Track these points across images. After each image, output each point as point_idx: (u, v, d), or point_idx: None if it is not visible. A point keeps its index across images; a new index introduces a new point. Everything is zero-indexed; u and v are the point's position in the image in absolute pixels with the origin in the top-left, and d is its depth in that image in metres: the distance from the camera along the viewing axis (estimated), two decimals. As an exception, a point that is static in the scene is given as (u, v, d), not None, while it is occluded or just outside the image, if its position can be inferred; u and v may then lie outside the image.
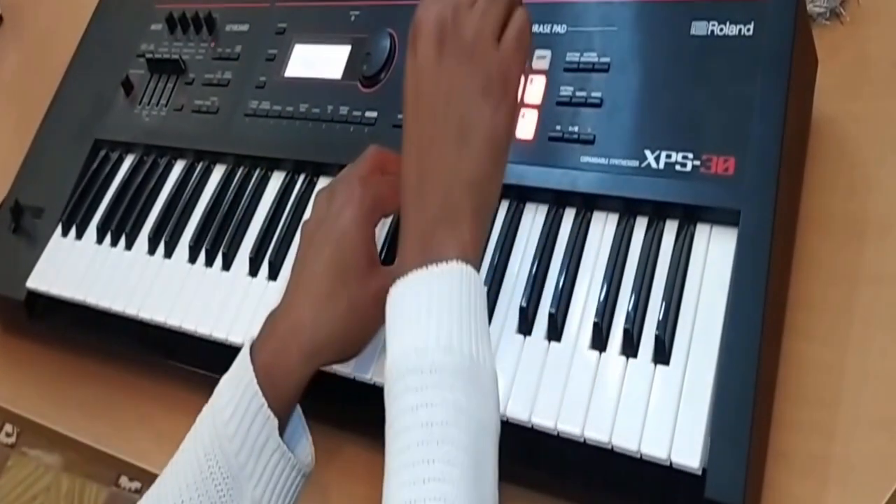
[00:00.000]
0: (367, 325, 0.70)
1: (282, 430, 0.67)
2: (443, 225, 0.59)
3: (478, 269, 0.58)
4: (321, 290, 0.68)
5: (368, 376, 0.73)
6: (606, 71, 0.76)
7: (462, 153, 0.59)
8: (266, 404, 0.65)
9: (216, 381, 0.69)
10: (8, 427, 2.30)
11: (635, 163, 0.71)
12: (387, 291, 0.65)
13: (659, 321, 0.65)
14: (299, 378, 0.68)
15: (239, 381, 0.66)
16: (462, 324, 0.56)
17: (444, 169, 0.59)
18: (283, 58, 0.93)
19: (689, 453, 0.60)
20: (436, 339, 0.55)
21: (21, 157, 1.06)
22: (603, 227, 0.72)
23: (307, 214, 0.76)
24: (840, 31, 0.81)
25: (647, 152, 0.71)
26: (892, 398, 0.65)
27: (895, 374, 0.66)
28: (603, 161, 0.72)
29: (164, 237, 0.89)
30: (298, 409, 0.70)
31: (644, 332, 0.66)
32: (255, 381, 0.65)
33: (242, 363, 0.67)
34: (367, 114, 0.85)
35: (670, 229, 0.69)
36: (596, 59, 0.76)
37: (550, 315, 0.68)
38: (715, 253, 0.67)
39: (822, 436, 0.65)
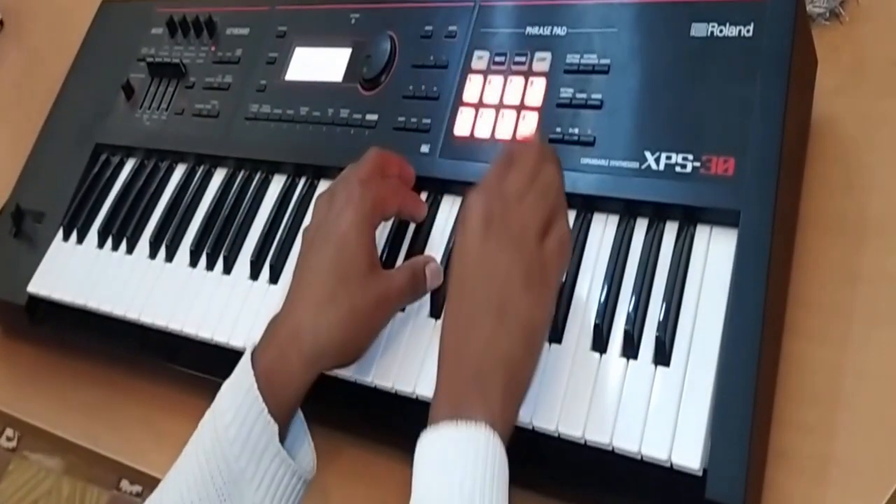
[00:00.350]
0: (368, 329, 0.71)
1: (283, 435, 0.68)
2: (475, 390, 0.60)
3: (505, 443, 0.59)
4: (322, 294, 0.69)
5: (370, 379, 0.73)
6: (606, 73, 0.76)
7: (499, 332, 0.61)
8: (266, 410, 0.65)
9: (217, 385, 0.70)
10: (9, 431, 2.30)
11: (635, 164, 0.72)
12: (387, 295, 0.66)
13: (659, 322, 0.65)
14: (300, 383, 0.68)
15: (240, 387, 0.67)
16: (484, 491, 0.57)
17: (481, 342, 0.61)
18: (284, 61, 0.94)
19: (689, 454, 0.61)
20: (459, 496, 0.57)
21: (22, 162, 1.06)
22: (603, 229, 0.72)
23: (308, 219, 0.78)
24: (839, 31, 0.82)
25: (648, 154, 0.71)
26: (891, 397, 0.66)
27: (892, 373, 0.66)
28: (603, 163, 0.73)
29: (166, 241, 0.90)
30: (300, 414, 0.71)
31: (644, 334, 0.66)
32: (255, 386, 0.66)
33: (244, 368, 0.68)
34: (368, 116, 0.86)
35: (670, 230, 0.70)
36: (596, 61, 0.77)
37: (551, 317, 0.69)
38: (715, 254, 0.67)
39: (822, 436, 0.66)
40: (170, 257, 0.90)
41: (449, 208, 0.79)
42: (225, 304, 0.83)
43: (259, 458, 0.65)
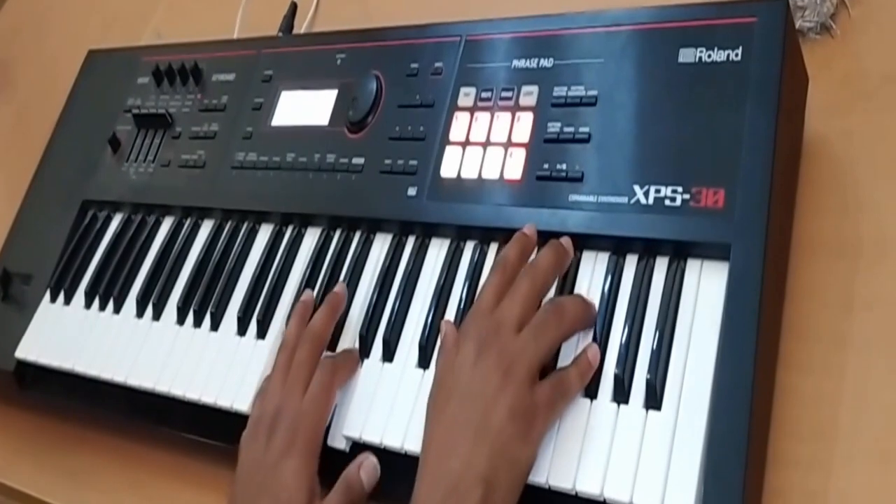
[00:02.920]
0: None
1: None
2: None
3: None
4: None
5: (357, 434, 0.75)
6: (594, 104, 0.78)
7: (478, 451, 0.64)
8: None
9: (206, 446, 0.72)
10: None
11: (624, 199, 0.73)
12: None
13: (650, 364, 0.66)
14: None
15: None
16: None
17: (459, 460, 0.64)
18: (270, 106, 0.97)
19: (681, 502, 0.61)
20: None
21: (10, 222, 1.10)
22: (593, 268, 0.74)
23: (293, 275, 0.84)
24: (831, 45, 0.83)
25: (637, 187, 0.73)
26: (889, 429, 0.66)
27: (892, 404, 0.67)
28: (591, 199, 0.74)
29: (153, 299, 0.93)
30: None
31: (636, 376, 0.67)
32: None
33: None
34: (355, 160, 0.88)
35: (661, 266, 0.71)
36: (583, 93, 0.79)
37: (540, 363, 0.70)
38: (706, 289, 0.69)
39: (819, 471, 0.67)
40: (157, 316, 0.92)
41: (436, 253, 0.81)
42: (212, 363, 0.86)
43: None
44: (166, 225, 0.99)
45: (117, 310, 0.96)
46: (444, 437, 0.66)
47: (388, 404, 0.76)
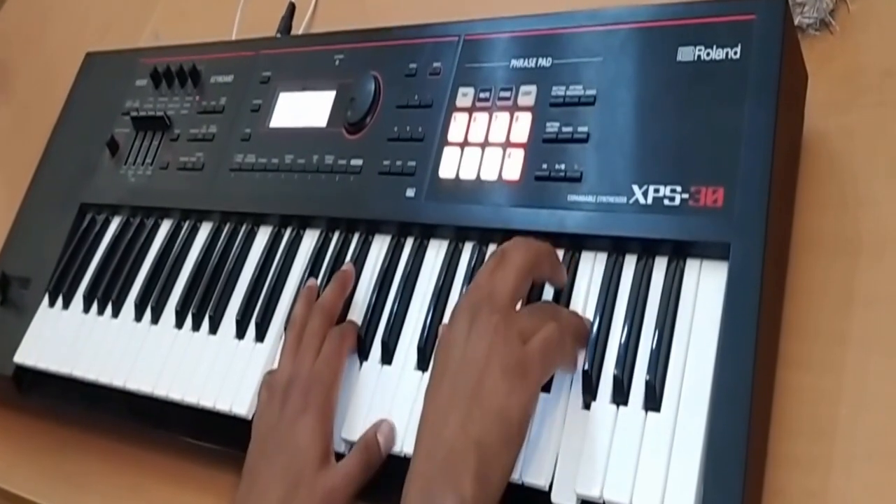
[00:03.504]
0: None
1: None
2: (446, 476, 0.63)
3: None
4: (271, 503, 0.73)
5: (356, 438, 0.76)
6: (592, 104, 0.78)
7: (472, 414, 0.64)
8: None
9: (205, 449, 0.72)
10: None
11: (623, 199, 0.73)
12: (334, 489, 0.72)
13: (649, 365, 0.67)
14: None
15: None
16: None
17: (454, 424, 0.64)
18: (268, 107, 0.98)
19: (681, 504, 0.62)
20: None
21: (9, 225, 1.11)
22: (592, 268, 0.74)
23: (292, 277, 0.85)
24: (830, 41, 0.83)
25: (635, 187, 0.73)
26: (889, 428, 0.67)
27: (893, 402, 0.67)
28: (590, 199, 0.75)
29: (151, 303, 0.93)
30: None
31: (635, 377, 0.68)
32: None
33: None
34: (353, 162, 0.88)
35: (660, 266, 0.72)
36: (582, 92, 0.79)
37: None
38: (705, 289, 0.69)
39: (819, 470, 0.67)
40: (155, 319, 0.93)
41: (435, 254, 0.82)
42: (211, 367, 0.86)
43: None
44: (165, 228, 1.00)
45: (116, 313, 0.96)
46: (438, 411, 0.66)
47: (386, 407, 0.76)
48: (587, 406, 0.69)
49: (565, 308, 0.72)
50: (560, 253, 0.76)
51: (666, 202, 0.72)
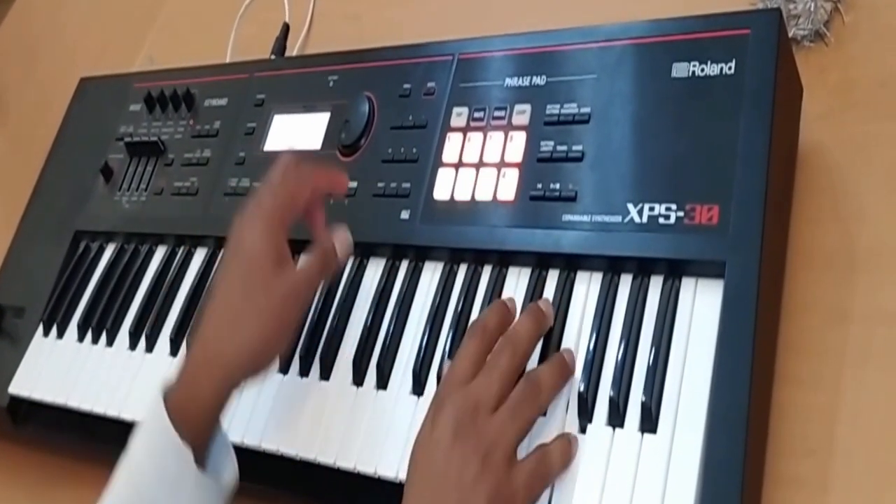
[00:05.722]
0: (278, 331, 0.77)
1: (205, 455, 0.76)
2: None
3: None
4: (228, 311, 0.77)
5: (352, 465, 0.77)
6: (587, 122, 0.80)
7: None
8: (178, 437, 0.73)
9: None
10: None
11: (618, 218, 0.75)
12: (294, 288, 0.76)
13: (645, 385, 0.68)
14: (214, 404, 0.76)
15: (151, 421, 0.74)
16: None
17: None
18: (263, 130, 1.00)
19: (676, 527, 0.63)
20: None
21: (3, 254, 1.13)
22: (587, 288, 0.76)
23: None
24: (825, 52, 0.84)
25: (630, 206, 0.74)
26: (885, 444, 0.68)
27: (891, 418, 0.68)
28: (585, 219, 0.76)
29: (145, 331, 0.95)
30: (221, 429, 0.78)
31: (631, 398, 0.69)
32: (165, 417, 0.73)
33: (154, 402, 0.75)
34: (347, 184, 0.90)
35: (655, 285, 0.73)
36: (576, 111, 0.81)
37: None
38: (701, 308, 0.70)
39: (815, 488, 0.68)
40: (150, 348, 0.95)
41: (430, 276, 0.83)
42: (206, 394, 0.87)
43: (174, 486, 0.73)
44: (159, 254, 1.02)
45: (110, 342, 0.98)
46: None
47: (382, 432, 0.77)
48: (583, 430, 0.70)
49: (545, 375, 0.71)
50: (555, 274, 0.77)
51: (661, 220, 0.73)
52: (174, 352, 0.93)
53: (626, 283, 0.74)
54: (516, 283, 0.79)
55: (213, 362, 0.75)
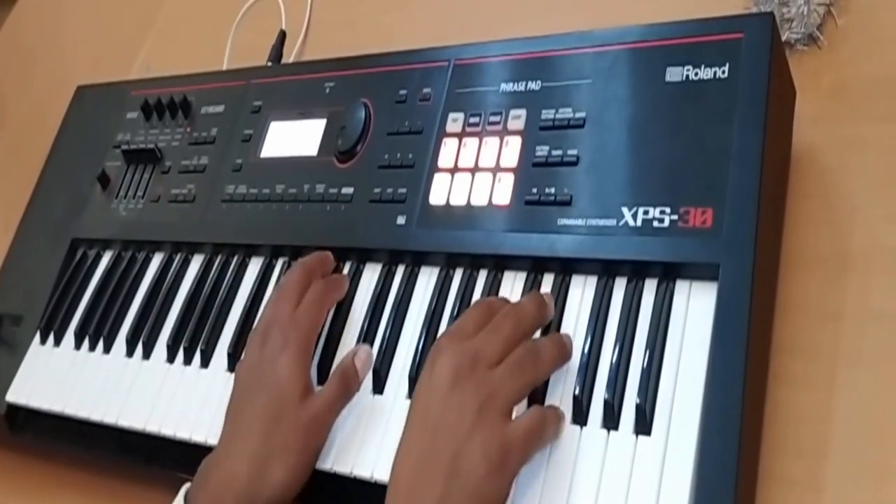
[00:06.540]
0: (304, 459, 0.77)
1: None
2: None
3: None
4: (256, 443, 0.77)
5: (348, 469, 0.78)
6: (582, 126, 0.81)
7: (450, 487, 0.66)
8: None
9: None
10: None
11: (613, 222, 0.76)
12: (316, 416, 0.77)
13: (639, 387, 0.69)
14: None
15: None
16: None
17: (433, 493, 0.66)
18: (259, 137, 1.01)
19: (671, 529, 0.64)
20: None
21: (0, 261, 1.14)
22: (582, 292, 0.77)
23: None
24: (818, 55, 0.85)
25: (625, 209, 0.76)
26: (878, 443, 0.69)
27: (884, 418, 0.69)
28: (580, 223, 0.77)
29: (142, 338, 0.96)
30: None
31: (625, 401, 0.70)
32: None
33: None
34: (344, 190, 0.91)
35: (649, 288, 0.74)
36: (571, 115, 0.82)
37: (531, 391, 0.73)
38: (695, 310, 0.71)
39: (809, 488, 0.69)
40: (147, 354, 0.96)
41: (426, 281, 0.84)
42: (203, 400, 0.89)
43: None
44: (156, 261, 1.03)
45: (107, 349, 0.99)
46: (414, 475, 0.68)
47: (378, 436, 0.78)
48: (578, 430, 0.71)
49: (547, 345, 0.73)
50: (550, 277, 0.78)
51: (655, 224, 0.74)
52: (171, 359, 0.94)
53: (620, 286, 0.75)
54: (512, 288, 0.80)
55: (235, 485, 0.76)
